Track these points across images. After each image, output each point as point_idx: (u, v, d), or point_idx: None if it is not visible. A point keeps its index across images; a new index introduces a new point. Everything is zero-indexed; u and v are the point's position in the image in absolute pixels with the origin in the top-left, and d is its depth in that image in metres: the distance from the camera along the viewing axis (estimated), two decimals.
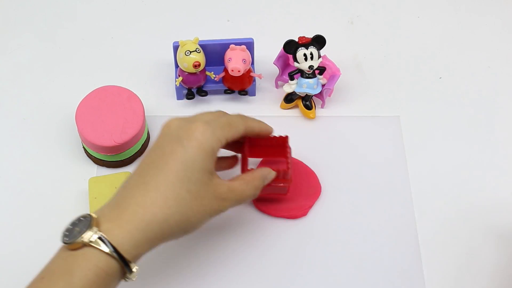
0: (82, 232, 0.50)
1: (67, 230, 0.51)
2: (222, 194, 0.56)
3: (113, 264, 0.50)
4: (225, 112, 0.61)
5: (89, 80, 0.76)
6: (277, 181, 0.63)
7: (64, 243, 0.50)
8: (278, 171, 0.63)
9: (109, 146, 0.67)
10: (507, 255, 0.66)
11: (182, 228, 0.54)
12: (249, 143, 0.63)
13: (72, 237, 0.50)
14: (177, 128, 0.55)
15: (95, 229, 0.50)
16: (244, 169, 0.63)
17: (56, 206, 0.69)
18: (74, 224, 0.51)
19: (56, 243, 0.66)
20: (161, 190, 0.52)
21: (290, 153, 0.64)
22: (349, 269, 0.65)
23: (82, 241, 0.49)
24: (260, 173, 0.61)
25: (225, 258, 0.65)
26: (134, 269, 0.51)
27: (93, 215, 0.51)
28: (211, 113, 0.59)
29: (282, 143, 0.64)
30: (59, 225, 0.67)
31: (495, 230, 0.68)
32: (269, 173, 0.62)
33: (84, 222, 0.51)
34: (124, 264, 0.50)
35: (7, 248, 0.66)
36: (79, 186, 0.69)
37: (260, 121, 0.62)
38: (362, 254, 0.66)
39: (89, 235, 0.49)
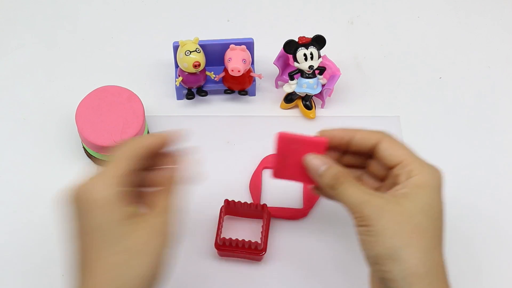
0: None
1: None
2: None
3: None
4: None
5: (89, 80, 0.76)
6: (249, 252, 0.63)
7: None
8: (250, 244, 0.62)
9: (109, 146, 0.67)
10: (508, 255, 0.66)
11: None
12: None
13: None
14: None
15: None
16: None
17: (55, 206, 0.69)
18: None
19: (55, 242, 0.66)
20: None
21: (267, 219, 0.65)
22: (349, 269, 0.65)
23: None
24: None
25: (224, 258, 0.65)
26: None
27: None
28: None
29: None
30: (58, 224, 0.67)
31: (496, 230, 0.68)
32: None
33: None
34: None
35: (6, 248, 0.66)
36: None
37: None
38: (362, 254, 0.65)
39: None
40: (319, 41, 0.70)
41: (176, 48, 0.71)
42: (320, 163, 0.54)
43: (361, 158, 0.58)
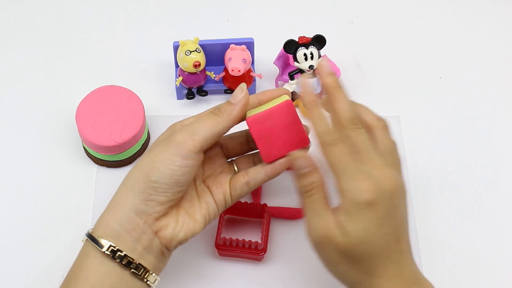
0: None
1: None
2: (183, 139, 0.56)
3: (87, 245, 0.55)
4: None
5: (89, 80, 0.76)
6: (249, 252, 0.63)
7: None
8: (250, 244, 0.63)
9: (109, 146, 0.67)
10: (509, 254, 0.66)
11: (150, 179, 0.54)
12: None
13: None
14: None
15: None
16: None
17: (56, 206, 0.69)
18: None
19: (55, 242, 0.66)
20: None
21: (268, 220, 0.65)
22: None
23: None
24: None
25: (224, 258, 0.65)
26: (102, 242, 0.53)
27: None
28: None
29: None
30: (59, 224, 0.68)
31: (496, 230, 0.68)
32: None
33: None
34: (93, 241, 0.54)
35: (6, 248, 0.66)
36: (79, 186, 0.69)
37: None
38: None
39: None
40: (319, 41, 0.70)
41: (176, 48, 0.71)
42: (304, 165, 0.55)
43: None
